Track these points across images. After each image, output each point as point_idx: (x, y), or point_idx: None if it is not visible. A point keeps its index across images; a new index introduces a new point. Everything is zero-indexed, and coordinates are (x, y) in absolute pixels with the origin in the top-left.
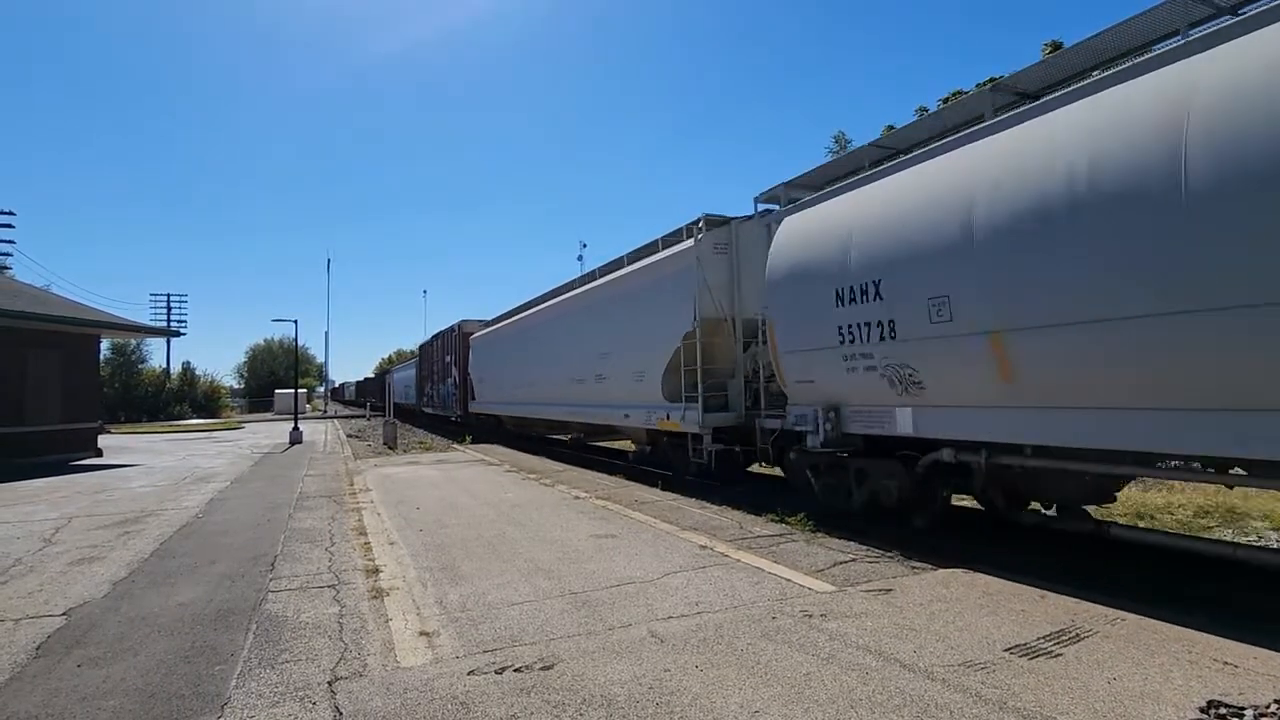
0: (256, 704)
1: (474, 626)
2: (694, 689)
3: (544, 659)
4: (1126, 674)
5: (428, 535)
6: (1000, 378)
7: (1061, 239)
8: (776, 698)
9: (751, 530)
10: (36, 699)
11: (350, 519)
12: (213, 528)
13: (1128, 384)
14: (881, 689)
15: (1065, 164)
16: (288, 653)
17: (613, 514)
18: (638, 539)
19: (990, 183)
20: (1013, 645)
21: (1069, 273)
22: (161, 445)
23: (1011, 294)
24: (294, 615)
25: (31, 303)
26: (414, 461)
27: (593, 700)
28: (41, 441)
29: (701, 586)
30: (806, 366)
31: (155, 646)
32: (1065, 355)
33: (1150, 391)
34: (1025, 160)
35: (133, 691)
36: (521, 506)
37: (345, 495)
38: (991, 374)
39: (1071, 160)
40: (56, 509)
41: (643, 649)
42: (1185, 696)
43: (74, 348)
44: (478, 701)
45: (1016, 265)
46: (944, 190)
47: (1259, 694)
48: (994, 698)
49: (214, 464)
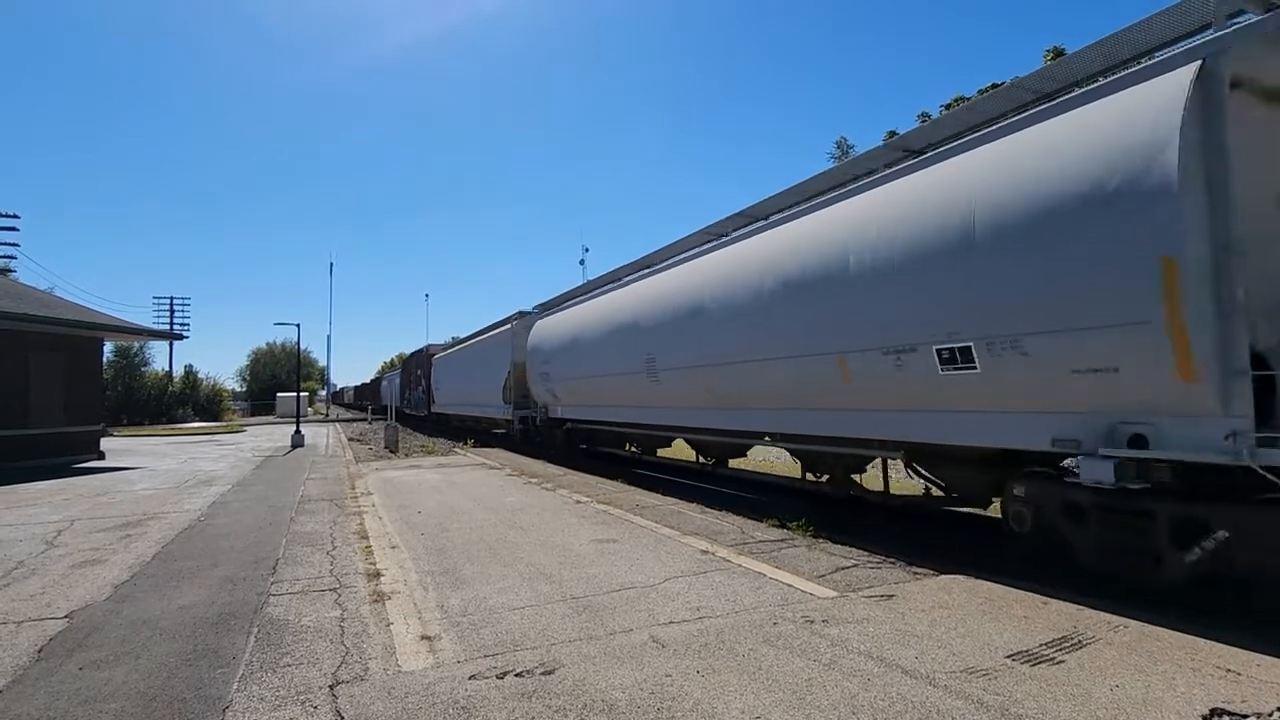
0: (258, 707)
1: (475, 631)
2: (695, 694)
3: (545, 664)
4: (1129, 681)
5: (429, 539)
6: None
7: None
8: (778, 704)
9: (753, 535)
10: (39, 701)
11: (352, 523)
12: (214, 531)
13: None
14: (883, 695)
15: (691, 293)
16: (289, 656)
17: (614, 519)
18: (639, 544)
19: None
20: (1015, 652)
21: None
22: (164, 448)
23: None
24: (295, 619)
25: (35, 305)
26: (416, 465)
27: (594, 705)
28: (44, 444)
29: (703, 591)
30: (536, 386)
31: (157, 649)
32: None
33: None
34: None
35: (134, 694)
36: (523, 511)
37: (347, 499)
38: (603, 391)
39: (699, 286)
40: (59, 512)
41: (644, 654)
42: (1188, 704)
43: (77, 351)
44: (479, 706)
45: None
46: (604, 311)
47: (1262, 701)
48: (996, 704)
49: (216, 467)
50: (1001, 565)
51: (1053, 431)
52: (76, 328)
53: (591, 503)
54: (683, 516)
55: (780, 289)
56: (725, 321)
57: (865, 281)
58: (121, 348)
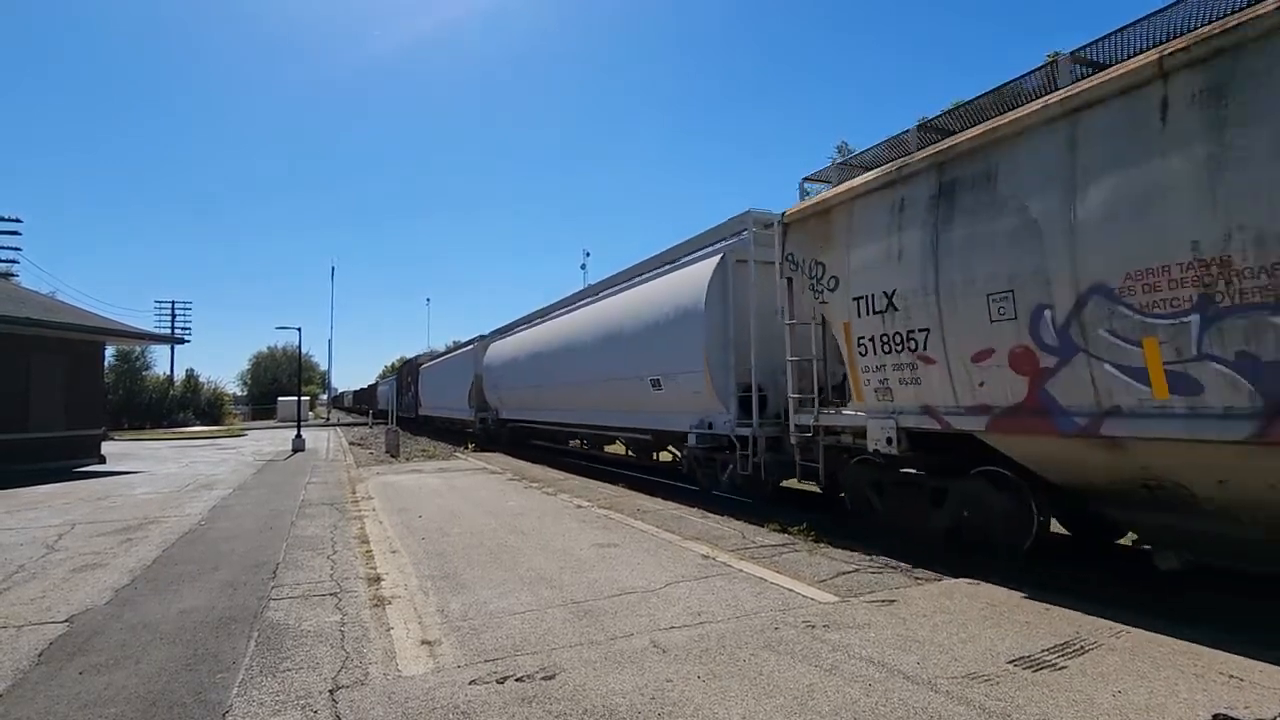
0: (258, 712)
1: (476, 635)
2: (696, 700)
3: (545, 669)
4: (1131, 687)
5: (430, 543)
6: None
7: (559, 363)
8: (779, 709)
9: (754, 540)
10: (39, 705)
11: (352, 527)
12: (215, 535)
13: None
14: (885, 701)
15: (568, 335)
16: (289, 661)
17: (615, 523)
18: (640, 548)
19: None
20: (1016, 657)
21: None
22: (165, 452)
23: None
24: (296, 623)
25: (37, 309)
26: (417, 470)
27: (594, 711)
28: (46, 448)
29: (704, 596)
30: (489, 394)
31: (157, 654)
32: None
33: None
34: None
35: (134, 699)
36: (524, 515)
37: (348, 503)
38: (528, 399)
39: (571, 331)
40: (60, 515)
41: (645, 659)
42: (1191, 710)
43: (79, 354)
44: (479, 711)
45: (540, 371)
46: (527, 341)
47: (1265, 707)
48: (999, 710)
49: (217, 471)
50: (1002, 571)
51: (690, 422)
52: (78, 332)
53: (592, 507)
54: (683, 521)
55: (600, 339)
56: (581, 355)
57: (627, 340)
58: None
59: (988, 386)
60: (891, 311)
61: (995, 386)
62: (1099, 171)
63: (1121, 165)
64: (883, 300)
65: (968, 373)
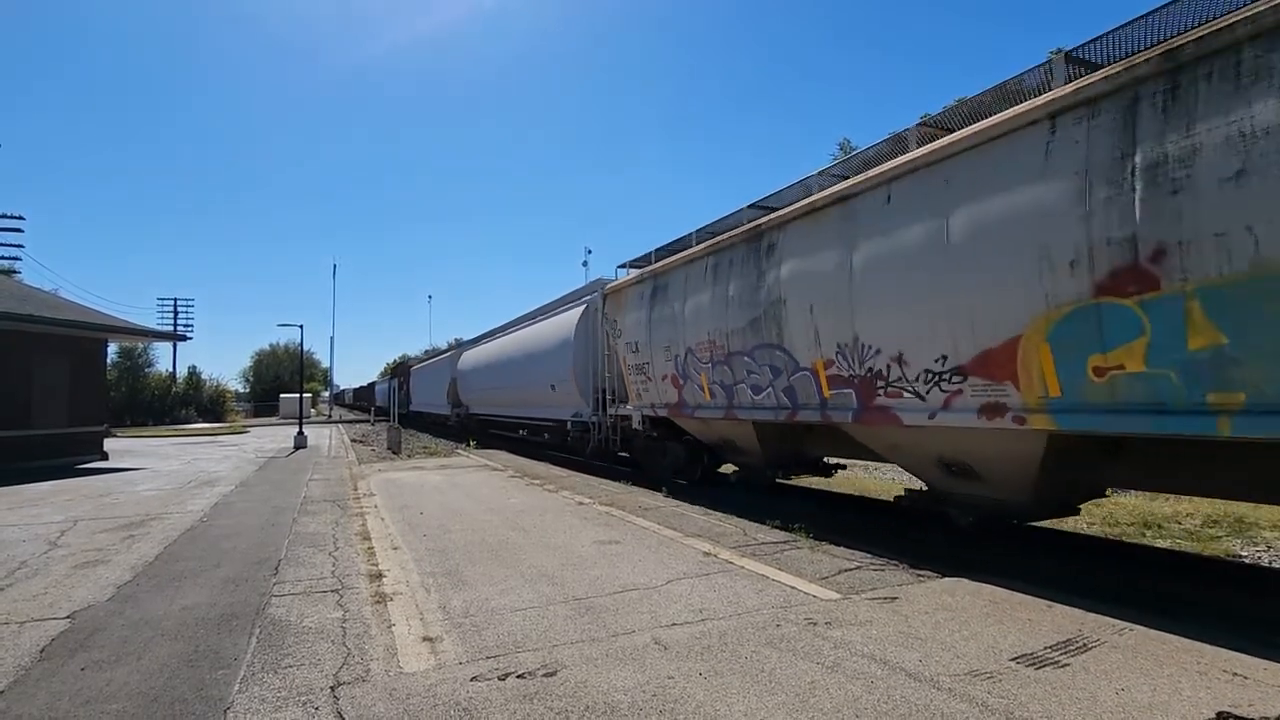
0: (260, 708)
1: (477, 632)
2: (698, 697)
3: (547, 665)
4: (1135, 684)
5: (431, 540)
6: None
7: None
8: (781, 706)
9: (755, 537)
10: (40, 702)
11: (354, 524)
12: (217, 532)
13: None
14: (887, 698)
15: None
16: (291, 657)
17: (616, 520)
18: (641, 545)
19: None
20: (1019, 655)
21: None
22: (167, 449)
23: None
24: (297, 620)
25: (40, 307)
26: (418, 467)
27: (596, 707)
28: (48, 445)
29: (705, 593)
30: (462, 394)
31: (159, 650)
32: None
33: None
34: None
35: (136, 695)
36: (525, 512)
37: (349, 500)
38: (488, 398)
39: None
40: (62, 512)
41: (646, 656)
42: (1194, 708)
43: (81, 351)
44: (480, 708)
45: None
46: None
47: (1270, 705)
48: (1000, 707)
49: (219, 468)
50: (1005, 568)
51: (570, 413)
52: (80, 329)
53: (594, 504)
54: (685, 518)
55: (523, 356)
56: (514, 367)
57: (537, 358)
58: (125, 349)
59: (667, 393)
60: (637, 352)
61: (669, 393)
62: (692, 293)
63: (690, 296)
64: (634, 345)
65: (660, 386)
